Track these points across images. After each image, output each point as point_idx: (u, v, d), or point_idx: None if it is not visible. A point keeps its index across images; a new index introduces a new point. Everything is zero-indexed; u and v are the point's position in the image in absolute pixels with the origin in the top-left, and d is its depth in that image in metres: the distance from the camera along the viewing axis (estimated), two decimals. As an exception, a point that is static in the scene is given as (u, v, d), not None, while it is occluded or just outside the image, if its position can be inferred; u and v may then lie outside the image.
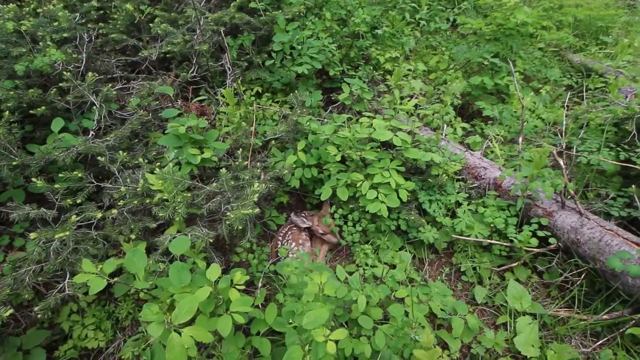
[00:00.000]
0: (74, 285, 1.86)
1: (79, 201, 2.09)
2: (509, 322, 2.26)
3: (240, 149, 2.56)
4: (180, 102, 3.04)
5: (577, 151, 2.73)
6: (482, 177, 2.82)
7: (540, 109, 3.51)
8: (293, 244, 2.70)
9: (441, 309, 2.23)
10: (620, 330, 2.04)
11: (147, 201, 2.16)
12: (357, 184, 2.61)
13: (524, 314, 2.27)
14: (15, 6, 2.79)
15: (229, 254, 2.62)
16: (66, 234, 1.79)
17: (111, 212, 2.08)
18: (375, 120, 2.64)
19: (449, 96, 3.44)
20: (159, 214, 2.07)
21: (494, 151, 3.04)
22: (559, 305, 2.29)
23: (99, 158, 2.20)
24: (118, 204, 2.15)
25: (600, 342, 2.07)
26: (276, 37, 3.19)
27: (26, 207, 1.93)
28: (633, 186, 2.45)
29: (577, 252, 2.27)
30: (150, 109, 2.84)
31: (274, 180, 2.49)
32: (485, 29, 3.84)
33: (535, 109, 3.54)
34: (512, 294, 2.31)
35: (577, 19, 5.02)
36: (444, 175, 2.66)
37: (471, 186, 2.84)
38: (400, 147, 2.58)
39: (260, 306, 2.23)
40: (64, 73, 2.40)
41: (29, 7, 2.94)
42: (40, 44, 2.70)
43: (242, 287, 1.85)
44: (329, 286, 1.84)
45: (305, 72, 3.21)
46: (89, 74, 2.50)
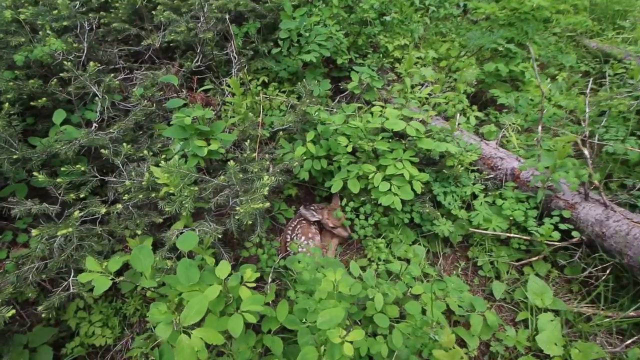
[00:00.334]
0: (79, 283, 1.79)
1: (82, 195, 2.01)
2: (530, 319, 2.17)
3: (248, 141, 2.47)
4: (185, 93, 2.95)
5: (601, 140, 2.60)
6: (498, 167, 2.71)
7: (557, 97, 3.37)
8: (302, 237, 2.62)
9: (459, 305, 2.14)
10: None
11: (152, 195, 2.09)
12: (368, 176, 2.51)
13: (545, 310, 2.18)
14: (14, -6, 2.70)
15: (237, 248, 2.55)
16: (69, 230, 1.72)
17: (116, 206, 2.01)
18: (388, 109, 2.53)
19: (462, 84, 3.32)
20: (165, 209, 1.99)
21: (510, 140, 2.93)
22: (585, 302, 2.20)
23: (102, 151, 2.12)
24: (123, 198, 2.07)
25: (629, 341, 1.98)
26: (283, 24, 3.07)
27: (28, 202, 1.86)
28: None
29: (602, 246, 2.17)
30: (154, 100, 2.75)
31: (283, 173, 2.40)
32: (499, 13, 3.69)
33: (551, 96, 3.41)
34: (533, 289, 2.22)
35: (593, 2, 4.85)
36: (459, 166, 2.56)
37: (487, 177, 2.73)
38: (413, 137, 2.48)
39: (271, 303, 2.16)
40: (64, 63, 2.31)
41: (27, -6, 2.85)
42: (39, 33, 2.61)
43: (252, 285, 1.77)
44: (343, 284, 1.76)
45: (313, 60, 3.10)
46: (90, 63, 2.41)
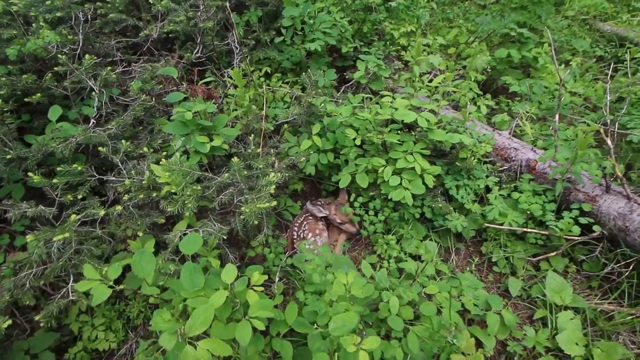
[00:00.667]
0: (78, 290, 1.71)
1: (80, 197, 1.92)
2: (549, 317, 2.08)
3: (252, 135, 2.37)
4: (185, 85, 2.83)
5: (624, 128, 2.48)
6: (512, 159, 2.60)
7: (571, 83, 3.24)
8: (309, 234, 2.54)
9: (474, 304, 2.06)
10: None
11: (153, 195, 1.99)
12: (378, 170, 2.41)
13: (564, 308, 2.09)
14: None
15: (243, 247, 2.47)
16: (65, 235, 1.64)
17: (115, 208, 1.92)
18: (398, 100, 2.41)
19: (473, 71, 3.19)
20: (167, 209, 1.90)
21: (524, 130, 2.81)
22: (606, 299, 2.11)
23: (100, 149, 2.03)
24: (123, 198, 1.98)
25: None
26: (286, 11, 2.94)
27: (23, 204, 1.77)
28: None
29: (625, 241, 2.06)
30: (153, 94, 2.65)
31: (289, 169, 2.30)
32: (510, -4, 3.54)
33: (566, 82, 3.27)
34: (551, 286, 2.13)
35: (606, -17, 4.66)
36: (472, 158, 2.45)
37: (501, 169, 2.62)
38: (423, 129, 2.37)
39: (279, 304, 2.08)
40: (59, 56, 2.21)
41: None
42: (33, 25, 2.50)
43: (260, 289, 1.69)
44: (355, 286, 1.67)
45: (318, 49, 2.97)
46: (86, 56, 2.30)
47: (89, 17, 2.66)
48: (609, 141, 2.14)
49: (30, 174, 1.84)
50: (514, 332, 2.09)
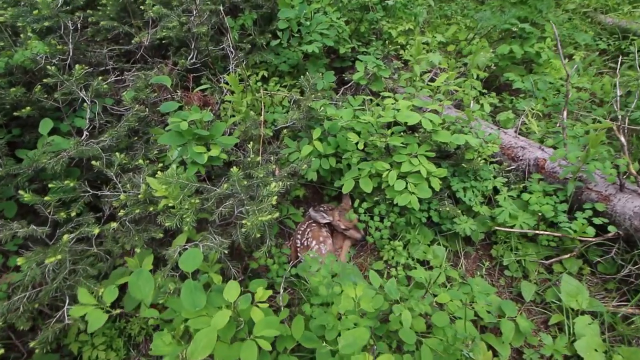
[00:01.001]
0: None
1: (73, 214, 1.84)
2: (565, 323, 2.00)
3: (251, 142, 2.29)
4: (180, 93, 2.75)
5: (634, 124, 2.40)
6: (520, 158, 2.52)
7: (575, 78, 3.16)
8: (313, 242, 2.46)
9: (487, 311, 1.98)
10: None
11: (150, 209, 1.91)
12: (382, 174, 2.33)
13: (580, 312, 2.01)
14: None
15: (245, 257, 2.39)
16: (58, 258, 1.55)
17: (110, 225, 1.84)
18: (402, 101, 2.34)
19: (475, 69, 3.11)
20: (165, 223, 1.82)
21: (530, 128, 2.73)
22: (623, 302, 2.03)
23: (93, 162, 1.95)
24: (119, 213, 1.90)
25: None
26: (281, 13, 2.86)
27: (14, 224, 1.69)
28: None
29: (643, 241, 1.99)
30: (148, 102, 2.57)
31: (290, 177, 2.22)
32: (510, -9, 3.46)
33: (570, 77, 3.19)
34: (567, 290, 2.05)
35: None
36: (479, 159, 2.38)
37: (508, 169, 2.55)
38: (426, 130, 2.28)
39: (285, 318, 2.00)
40: (47, 67, 2.13)
41: (7, -5, 2.65)
42: (21, 36, 2.42)
43: (265, 305, 1.61)
44: (365, 300, 1.59)
45: (315, 50, 2.90)
46: (76, 66, 2.22)
47: (78, 25, 2.57)
48: (622, 138, 2.06)
49: (20, 191, 1.76)
50: (529, 338, 2.02)
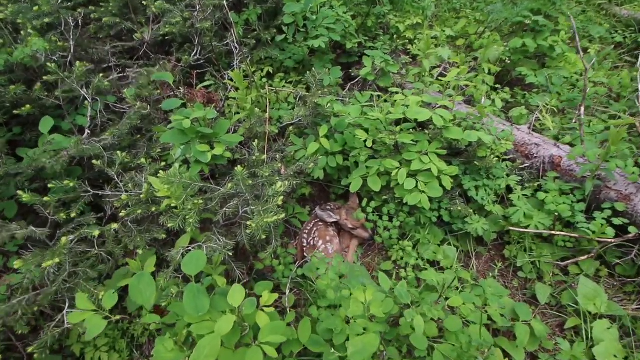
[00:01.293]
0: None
1: (73, 214, 1.79)
2: (583, 327, 1.92)
3: (256, 140, 2.22)
4: (183, 90, 2.69)
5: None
6: (534, 155, 2.43)
7: (591, 72, 3.05)
8: (320, 241, 2.40)
9: (500, 314, 1.90)
10: None
11: (153, 209, 1.86)
12: (391, 172, 2.26)
13: (597, 316, 1.93)
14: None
15: (251, 258, 2.33)
16: (56, 261, 1.51)
17: (111, 226, 1.78)
18: (411, 97, 2.26)
19: (486, 63, 3.02)
20: (168, 224, 1.76)
21: (544, 124, 2.64)
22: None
23: (94, 162, 1.89)
24: (120, 214, 1.85)
25: None
26: (287, 7, 2.79)
27: (12, 225, 1.64)
28: None
29: (665, 243, 1.91)
30: (151, 100, 2.51)
31: (296, 175, 2.16)
32: (522, -17, 3.36)
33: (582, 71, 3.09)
34: (584, 292, 1.97)
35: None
36: (492, 156, 2.29)
37: (522, 167, 2.46)
38: (436, 127, 2.20)
39: (292, 321, 1.94)
40: (47, 64, 2.08)
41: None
42: (22, 33, 2.38)
43: (270, 309, 1.55)
44: (375, 305, 1.53)
45: (322, 45, 2.82)
46: (77, 63, 2.17)
47: (79, 22, 2.52)
48: (644, 134, 1.98)
49: (19, 192, 1.71)
50: (544, 342, 1.94)
